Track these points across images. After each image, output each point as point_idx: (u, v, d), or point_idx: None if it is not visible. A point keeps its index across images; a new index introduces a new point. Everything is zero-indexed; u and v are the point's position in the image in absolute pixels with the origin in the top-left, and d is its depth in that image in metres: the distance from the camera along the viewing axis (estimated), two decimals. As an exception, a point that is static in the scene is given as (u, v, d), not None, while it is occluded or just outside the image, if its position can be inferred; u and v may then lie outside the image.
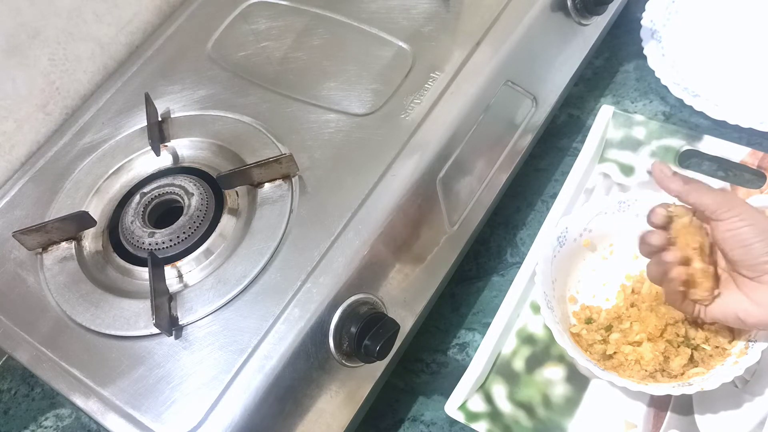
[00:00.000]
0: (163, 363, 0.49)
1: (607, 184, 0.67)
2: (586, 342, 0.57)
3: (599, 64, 0.77)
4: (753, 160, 0.64)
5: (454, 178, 0.58)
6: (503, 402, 0.57)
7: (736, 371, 0.50)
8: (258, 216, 0.55)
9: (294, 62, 0.65)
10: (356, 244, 0.52)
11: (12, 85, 0.65)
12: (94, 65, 0.71)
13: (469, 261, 0.66)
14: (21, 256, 0.58)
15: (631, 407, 0.55)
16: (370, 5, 0.67)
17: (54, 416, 0.66)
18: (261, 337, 0.49)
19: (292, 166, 0.55)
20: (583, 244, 0.61)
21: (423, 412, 0.60)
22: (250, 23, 0.69)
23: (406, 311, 0.56)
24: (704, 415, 0.54)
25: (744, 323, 0.49)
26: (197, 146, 0.61)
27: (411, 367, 0.62)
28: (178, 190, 0.57)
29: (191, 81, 0.66)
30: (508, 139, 0.63)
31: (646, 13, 0.76)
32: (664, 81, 0.71)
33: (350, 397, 0.53)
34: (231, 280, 0.52)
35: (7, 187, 0.64)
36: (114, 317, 0.52)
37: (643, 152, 0.67)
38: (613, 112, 0.69)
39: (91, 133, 0.65)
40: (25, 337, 0.53)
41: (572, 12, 0.67)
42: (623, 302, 0.58)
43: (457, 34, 0.63)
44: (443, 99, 0.58)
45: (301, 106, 0.61)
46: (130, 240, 0.56)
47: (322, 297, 0.50)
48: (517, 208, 0.69)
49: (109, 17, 0.71)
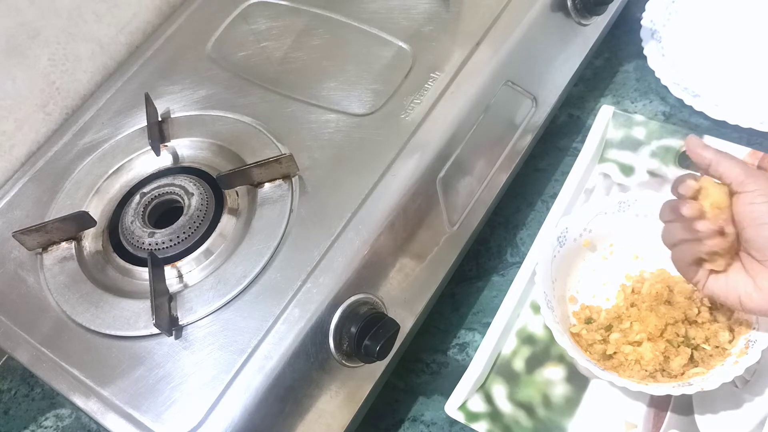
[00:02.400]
0: (163, 363, 0.49)
1: (607, 184, 0.67)
2: (586, 342, 0.57)
3: (599, 64, 0.77)
4: (753, 160, 0.64)
5: (454, 178, 0.58)
6: (503, 402, 0.57)
7: (737, 371, 0.50)
8: (258, 216, 0.55)
9: (294, 62, 0.65)
10: (356, 244, 0.52)
11: (12, 85, 0.65)
12: (94, 65, 0.71)
13: (469, 261, 0.66)
14: (21, 256, 0.58)
15: (631, 407, 0.55)
16: (370, 5, 0.67)
17: (54, 416, 0.66)
18: (261, 337, 0.49)
19: (292, 166, 0.55)
20: (583, 244, 0.61)
21: (423, 412, 0.60)
22: (250, 23, 0.69)
23: (406, 311, 0.56)
24: (704, 415, 0.54)
25: (743, 306, 0.48)
26: (197, 146, 0.61)
27: (411, 367, 0.62)
28: (178, 190, 0.57)
29: (191, 81, 0.66)
30: (508, 139, 0.63)
31: (646, 13, 0.76)
32: (664, 81, 0.71)
33: (350, 397, 0.53)
34: (231, 280, 0.52)
35: (7, 187, 0.64)
36: (114, 317, 0.52)
37: (643, 152, 0.67)
38: (613, 112, 0.69)
39: (91, 133, 0.65)
40: (25, 337, 0.53)
41: (572, 12, 0.67)
42: (623, 302, 0.58)
43: (457, 34, 0.63)
44: (443, 99, 0.58)
45: (301, 106, 0.61)
46: (130, 240, 0.56)
47: (322, 297, 0.50)
48: (517, 208, 0.69)
49: (109, 17, 0.71)
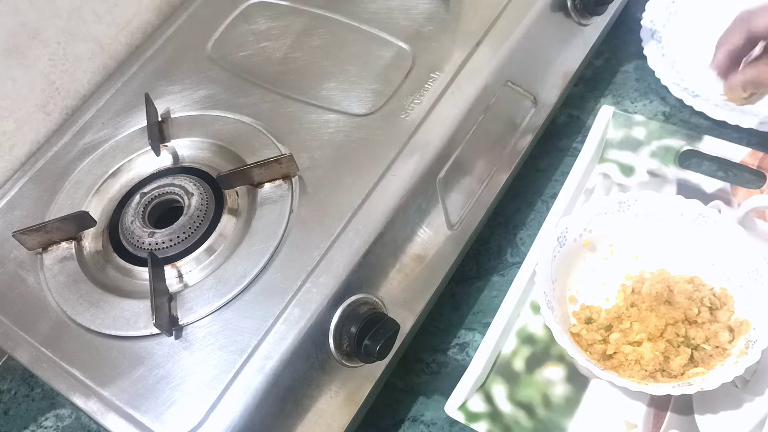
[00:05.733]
0: (163, 363, 0.49)
1: (607, 184, 0.67)
2: (586, 342, 0.57)
3: (599, 64, 0.77)
4: (753, 160, 0.64)
5: (454, 178, 0.58)
6: (503, 402, 0.57)
7: (737, 371, 0.50)
8: (258, 216, 0.55)
9: (294, 62, 0.65)
10: (356, 244, 0.52)
11: (12, 85, 0.65)
12: (94, 65, 0.71)
13: (469, 261, 0.66)
14: (21, 256, 0.58)
15: (632, 407, 0.55)
16: (370, 5, 0.67)
17: (54, 416, 0.66)
18: (261, 337, 0.49)
19: (292, 166, 0.55)
20: (583, 244, 0.61)
21: (423, 412, 0.60)
22: (250, 23, 0.69)
23: (406, 311, 0.56)
24: (704, 415, 0.54)
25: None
26: (197, 146, 0.61)
27: (411, 367, 0.62)
28: (178, 190, 0.57)
29: (191, 81, 0.66)
30: (508, 140, 0.63)
31: (646, 13, 0.76)
32: (664, 81, 0.71)
33: (350, 398, 0.53)
34: (231, 280, 0.52)
35: (7, 187, 0.64)
36: (114, 317, 0.52)
37: (643, 152, 0.67)
38: (613, 112, 0.69)
39: (91, 133, 0.65)
40: (25, 337, 0.53)
41: (572, 12, 0.67)
42: (623, 302, 0.58)
43: (457, 34, 0.63)
44: (443, 99, 0.58)
45: (301, 106, 0.61)
46: (130, 240, 0.56)
47: (322, 297, 0.50)
48: (517, 208, 0.69)
49: (109, 17, 0.71)
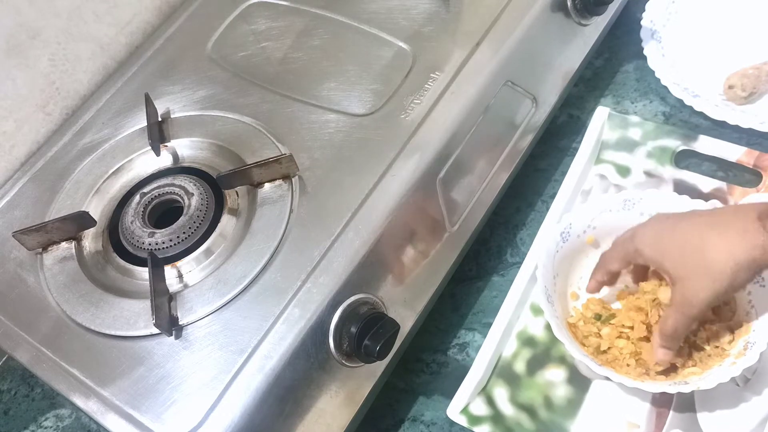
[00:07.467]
0: (163, 363, 0.49)
1: (604, 185, 0.67)
2: (582, 334, 0.56)
3: (599, 64, 0.77)
4: (749, 159, 0.64)
5: (454, 178, 0.58)
6: (505, 405, 0.57)
7: (734, 372, 0.50)
8: (258, 216, 0.55)
9: (294, 62, 0.65)
10: (356, 244, 0.52)
11: (12, 85, 0.65)
12: (94, 65, 0.71)
13: (469, 261, 0.66)
14: (21, 256, 0.58)
15: (634, 407, 0.55)
16: (370, 5, 0.67)
17: (54, 416, 0.66)
18: (261, 337, 0.49)
19: (292, 166, 0.55)
20: (587, 241, 0.61)
21: (423, 413, 0.60)
22: (250, 23, 0.69)
23: (407, 311, 0.56)
24: (706, 414, 0.54)
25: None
26: (197, 146, 0.61)
27: (411, 367, 0.62)
28: (178, 190, 0.57)
29: (191, 81, 0.66)
30: (508, 139, 0.63)
31: (646, 13, 0.76)
32: (664, 81, 0.71)
33: (350, 398, 0.53)
34: (231, 280, 0.52)
35: (7, 187, 0.64)
36: (114, 317, 0.52)
37: (639, 153, 0.67)
38: (608, 113, 0.69)
39: (91, 133, 0.65)
40: (25, 337, 0.53)
41: (572, 12, 0.67)
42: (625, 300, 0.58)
43: (457, 34, 0.63)
44: (443, 99, 0.58)
45: (301, 106, 0.61)
46: (130, 240, 0.56)
47: (322, 297, 0.50)
48: (517, 208, 0.69)
49: (109, 17, 0.71)
